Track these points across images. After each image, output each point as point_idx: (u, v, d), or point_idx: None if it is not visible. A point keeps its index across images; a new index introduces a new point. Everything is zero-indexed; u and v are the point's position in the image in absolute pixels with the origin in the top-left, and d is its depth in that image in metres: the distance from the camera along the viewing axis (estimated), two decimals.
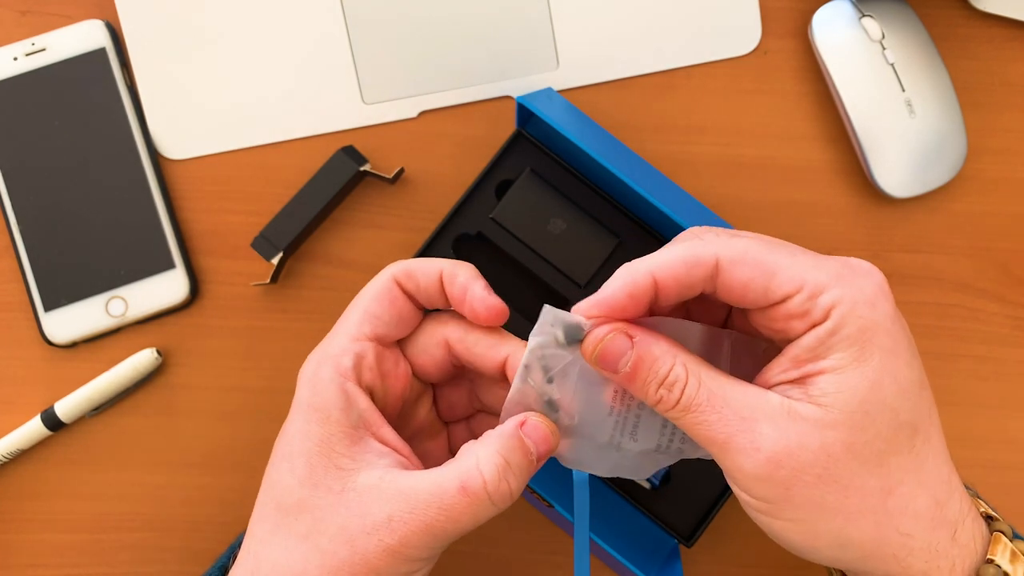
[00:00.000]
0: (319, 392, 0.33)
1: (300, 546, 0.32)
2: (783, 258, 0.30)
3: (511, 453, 0.32)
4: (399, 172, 0.49)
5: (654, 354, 0.31)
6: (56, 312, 0.49)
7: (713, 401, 0.30)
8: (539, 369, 0.33)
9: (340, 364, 0.34)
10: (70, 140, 0.50)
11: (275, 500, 0.33)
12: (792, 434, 0.29)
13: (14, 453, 0.49)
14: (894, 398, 0.30)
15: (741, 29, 0.51)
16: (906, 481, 0.30)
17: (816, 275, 0.30)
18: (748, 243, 0.31)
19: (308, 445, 0.32)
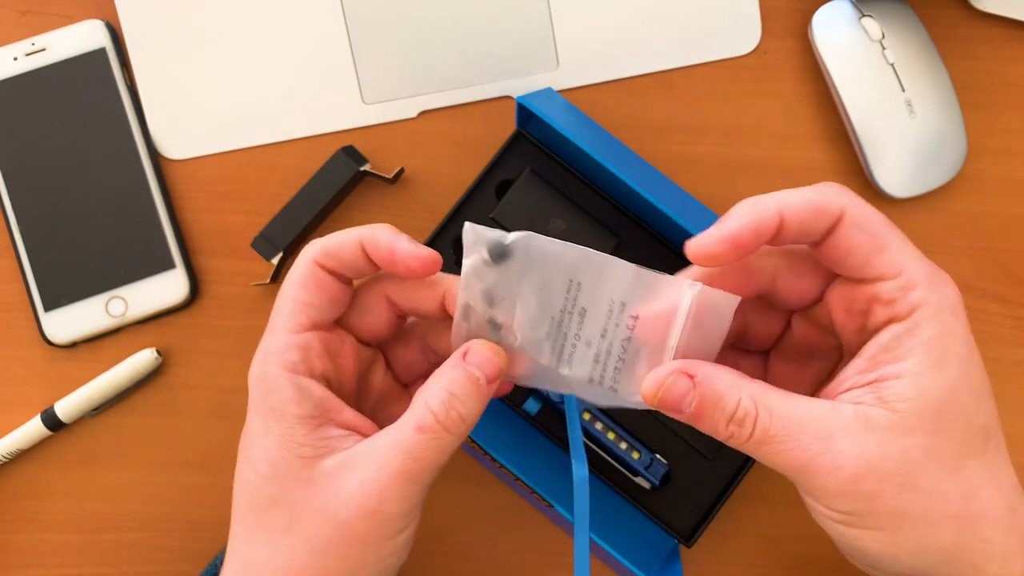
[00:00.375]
0: (271, 390, 0.33)
1: (283, 539, 0.32)
2: (897, 240, 0.30)
3: (455, 384, 0.32)
4: (399, 172, 0.50)
5: (718, 391, 0.30)
6: (56, 312, 0.49)
7: (789, 429, 0.29)
8: (479, 294, 0.32)
9: (286, 360, 0.33)
10: (70, 140, 0.50)
11: (247, 501, 0.33)
12: (872, 446, 0.29)
13: (14, 453, 0.49)
14: (968, 402, 0.30)
15: (741, 29, 0.51)
16: (984, 486, 0.30)
17: (916, 268, 0.30)
18: (874, 212, 0.30)
19: (268, 443, 0.32)
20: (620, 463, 0.46)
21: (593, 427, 0.45)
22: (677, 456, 0.46)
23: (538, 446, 0.46)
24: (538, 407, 0.46)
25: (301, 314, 0.34)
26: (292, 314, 0.34)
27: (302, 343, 0.33)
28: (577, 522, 0.38)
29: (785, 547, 0.49)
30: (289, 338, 0.33)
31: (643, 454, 0.45)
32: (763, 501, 0.49)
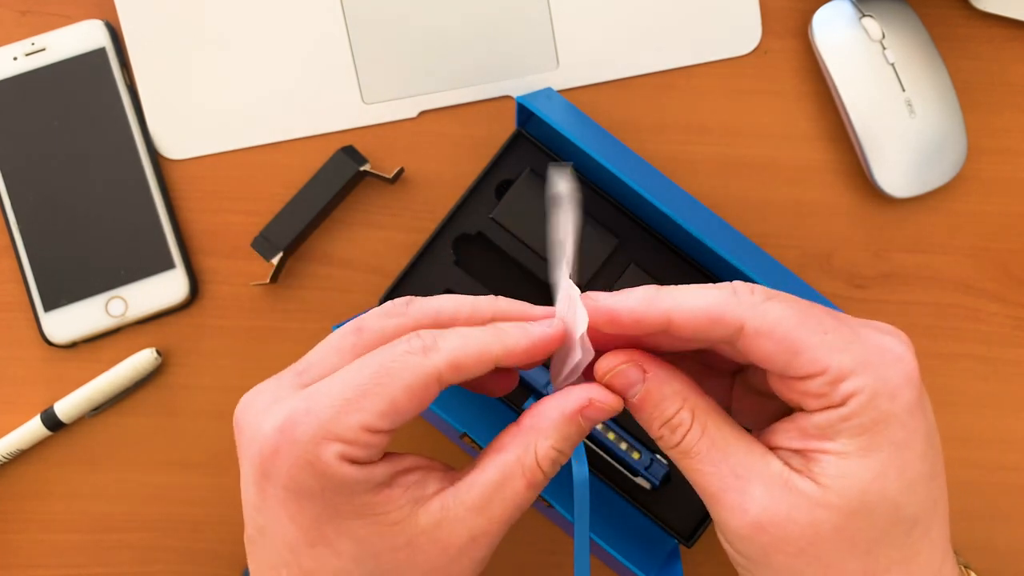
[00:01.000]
0: (330, 482, 0.28)
1: None
2: (812, 336, 0.29)
3: (566, 442, 0.31)
4: (399, 172, 0.50)
5: (663, 393, 0.30)
6: (56, 312, 0.49)
7: (712, 453, 0.30)
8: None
9: (348, 453, 0.28)
10: (70, 140, 0.50)
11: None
12: (783, 504, 0.29)
13: (14, 453, 0.49)
14: (897, 493, 0.29)
15: (741, 29, 0.51)
16: (893, 570, 0.29)
17: (841, 359, 0.28)
18: (781, 314, 0.29)
19: (347, 528, 0.29)
20: (620, 463, 0.46)
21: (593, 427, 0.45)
22: None
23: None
24: None
25: (387, 419, 0.29)
26: (379, 414, 0.29)
27: (373, 444, 0.29)
28: (577, 522, 0.38)
29: None
30: (361, 436, 0.29)
31: (643, 454, 0.45)
32: None
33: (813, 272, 0.50)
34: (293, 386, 0.30)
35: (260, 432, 0.29)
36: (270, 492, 0.29)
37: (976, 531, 0.49)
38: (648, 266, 0.47)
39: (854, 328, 0.30)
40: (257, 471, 0.29)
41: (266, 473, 0.28)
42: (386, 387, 0.29)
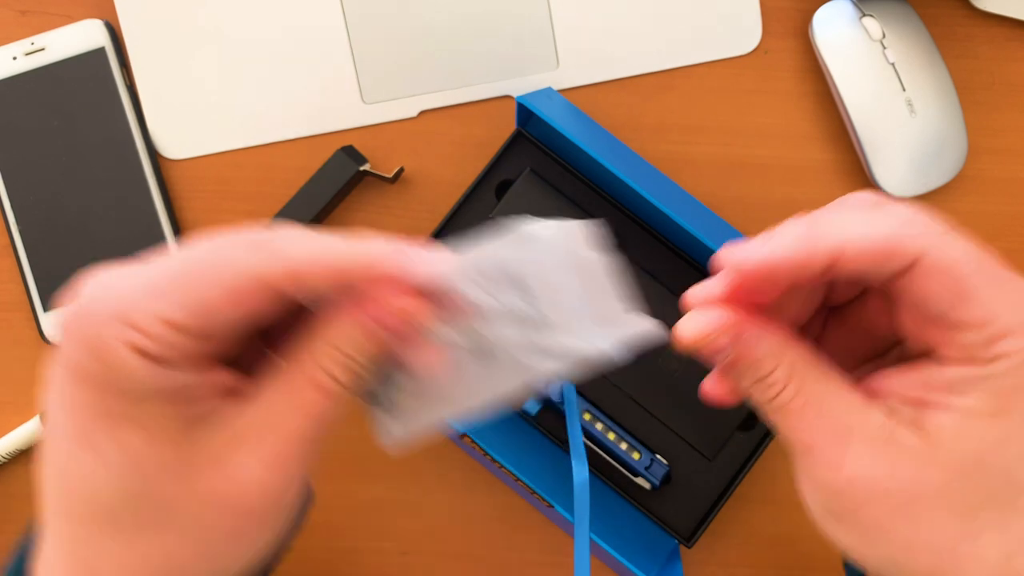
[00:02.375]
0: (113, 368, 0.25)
1: (156, 537, 0.26)
2: (989, 285, 0.26)
3: (355, 345, 0.27)
4: (399, 171, 0.49)
5: (757, 354, 0.27)
6: (56, 312, 0.49)
7: (806, 411, 0.27)
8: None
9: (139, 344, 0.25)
10: (69, 140, 0.50)
11: (90, 501, 0.26)
12: (884, 461, 0.27)
13: (13, 453, 0.49)
14: (1015, 461, 0.27)
15: (741, 28, 0.51)
16: (986, 531, 0.27)
17: (1010, 317, 0.26)
18: (963, 252, 0.27)
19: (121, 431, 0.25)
20: (620, 463, 0.46)
21: (593, 427, 0.45)
22: (677, 456, 0.46)
23: (538, 446, 0.46)
24: (538, 407, 0.46)
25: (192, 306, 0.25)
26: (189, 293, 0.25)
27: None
28: (577, 523, 0.38)
29: (785, 547, 0.49)
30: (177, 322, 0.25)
31: (643, 454, 0.45)
32: (763, 501, 0.49)
33: None
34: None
35: (67, 309, 0.25)
36: (57, 373, 0.25)
37: None
38: (648, 265, 0.47)
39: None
40: (65, 366, 0.25)
41: (58, 350, 0.25)
42: (199, 279, 0.25)
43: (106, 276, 0.26)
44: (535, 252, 0.28)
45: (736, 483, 0.46)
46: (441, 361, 0.28)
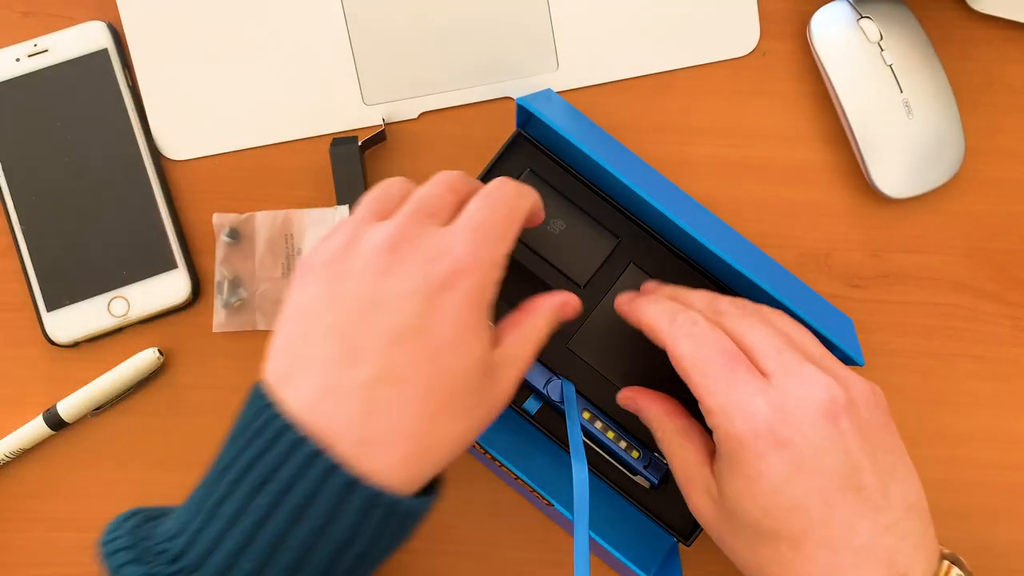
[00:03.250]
0: (489, 296, 0.36)
1: (465, 420, 0.36)
2: (695, 374, 0.38)
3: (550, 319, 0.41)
4: (381, 131, 0.50)
5: (646, 417, 0.43)
6: (58, 312, 0.50)
7: (673, 462, 0.42)
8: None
9: (496, 278, 0.36)
10: (72, 141, 0.50)
11: (453, 384, 0.34)
12: (706, 504, 0.40)
13: (16, 452, 0.49)
14: (756, 511, 0.37)
15: (740, 30, 0.51)
16: (773, 570, 0.37)
17: (709, 401, 0.38)
18: (684, 350, 0.38)
19: (483, 339, 0.36)
20: (619, 462, 0.46)
21: (592, 426, 0.45)
22: None
23: (538, 445, 0.47)
24: (538, 406, 0.47)
25: (512, 243, 0.37)
26: (505, 240, 0.37)
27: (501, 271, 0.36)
28: (577, 521, 0.38)
29: None
30: (505, 256, 0.37)
31: (642, 453, 0.46)
32: None
33: (811, 272, 0.50)
34: (431, 223, 0.36)
35: (449, 254, 0.35)
36: (447, 302, 0.34)
37: (974, 530, 0.49)
38: (647, 266, 0.47)
39: (733, 377, 0.37)
40: (437, 283, 0.34)
41: (449, 286, 0.34)
42: (514, 223, 0.38)
43: (470, 233, 0.36)
44: None
45: None
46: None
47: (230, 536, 0.32)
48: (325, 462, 0.32)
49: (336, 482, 0.32)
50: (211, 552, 0.32)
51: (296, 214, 0.50)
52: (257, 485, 0.32)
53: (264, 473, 0.32)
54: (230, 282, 0.49)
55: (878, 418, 0.38)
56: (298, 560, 0.32)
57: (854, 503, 0.36)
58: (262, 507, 0.32)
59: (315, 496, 0.32)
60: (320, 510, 0.32)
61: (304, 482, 0.32)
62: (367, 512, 0.32)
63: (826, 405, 0.36)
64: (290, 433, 0.32)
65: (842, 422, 0.36)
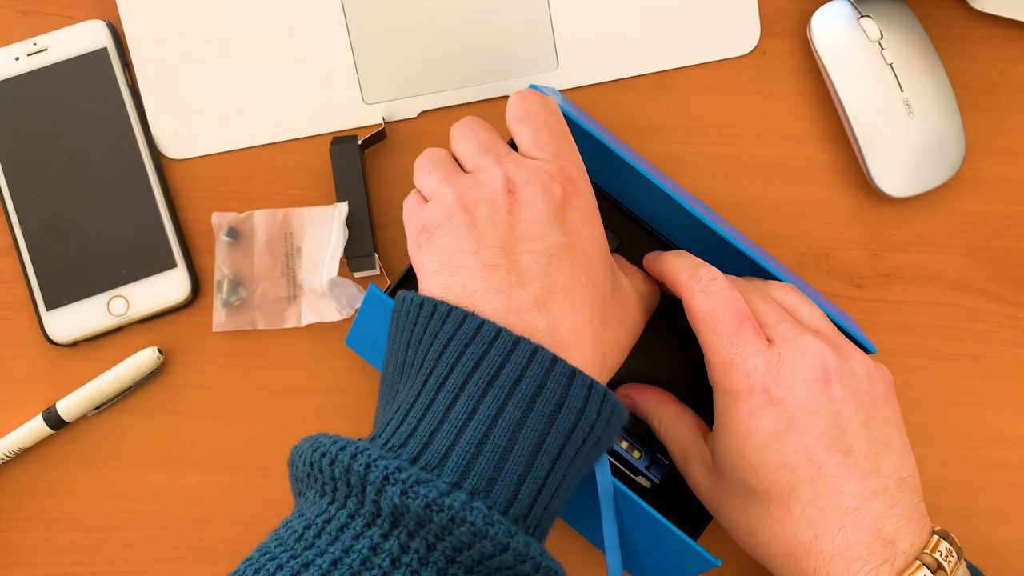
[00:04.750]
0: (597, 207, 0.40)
1: (622, 331, 0.40)
2: (706, 332, 0.40)
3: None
4: (382, 130, 0.50)
5: (642, 412, 0.46)
6: (58, 311, 0.49)
7: (668, 444, 0.45)
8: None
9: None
10: (72, 140, 0.50)
11: (598, 292, 0.38)
12: (703, 476, 0.43)
13: (16, 452, 0.49)
14: (745, 469, 0.39)
15: (740, 29, 0.51)
16: (763, 530, 0.39)
17: (712, 356, 0.40)
18: (699, 304, 0.40)
19: (607, 256, 0.39)
20: (621, 462, 0.46)
21: None
22: None
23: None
24: None
25: (575, 146, 0.41)
26: (572, 143, 0.40)
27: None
28: (605, 519, 0.38)
29: None
30: (580, 157, 0.40)
31: (644, 453, 0.46)
32: None
33: (812, 271, 0.50)
34: (515, 157, 0.39)
35: (553, 178, 0.38)
36: (573, 219, 0.38)
37: (975, 529, 0.49)
38: None
39: (739, 336, 0.39)
40: (559, 205, 0.37)
41: (568, 205, 0.38)
42: (563, 125, 0.41)
43: (558, 159, 0.39)
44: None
45: None
46: None
47: (468, 431, 0.33)
48: (545, 354, 0.34)
49: (560, 371, 0.34)
50: (451, 448, 0.32)
51: (295, 213, 0.49)
52: (486, 381, 0.33)
53: (489, 371, 0.34)
54: (230, 281, 0.49)
55: (878, 391, 0.39)
56: (534, 445, 0.33)
57: (841, 465, 0.37)
58: (495, 400, 0.33)
59: (544, 383, 0.33)
60: (550, 397, 0.33)
61: (532, 371, 0.33)
62: (588, 398, 0.34)
63: (819, 370, 0.38)
64: (505, 333, 0.34)
65: (834, 387, 0.38)
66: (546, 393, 0.33)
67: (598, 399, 0.34)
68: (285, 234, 0.50)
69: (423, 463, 0.32)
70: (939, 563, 0.36)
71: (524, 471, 0.32)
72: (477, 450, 0.32)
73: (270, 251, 0.49)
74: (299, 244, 0.49)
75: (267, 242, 0.49)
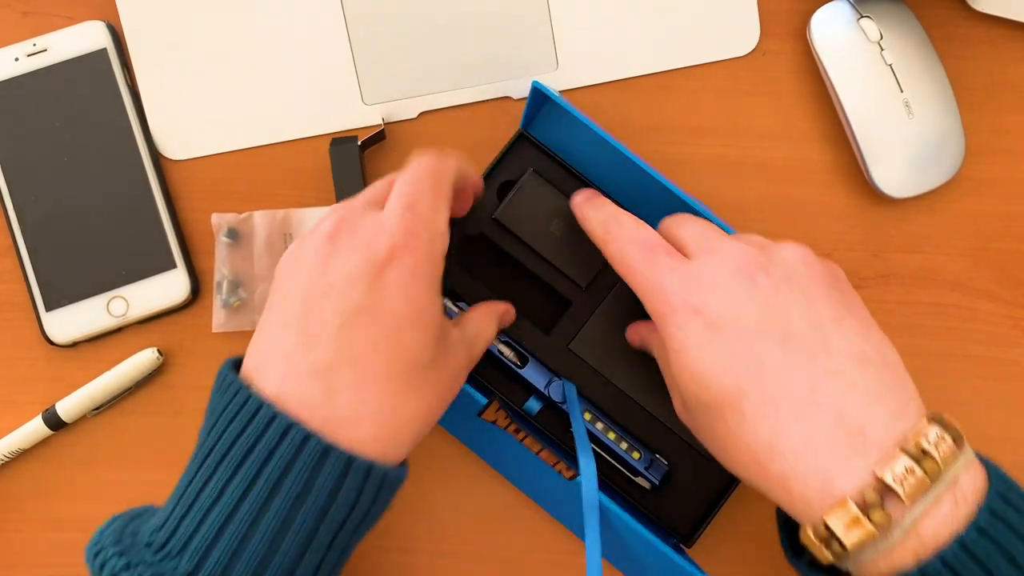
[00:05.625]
0: (437, 265, 0.37)
1: (431, 395, 0.37)
2: (626, 264, 0.39)
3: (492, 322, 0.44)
4: (381, 131, 0.50)
5: (650, 346, 0.44)
6: (57, 312, 0.49)
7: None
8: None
9: (444, 245, 0.37)
10: (71, 140, 0.50)
11: (411, 359, 0.35)
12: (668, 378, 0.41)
13: (15, 452, 0.49)
14: (691, 383, 0.36)
15: (740, 30, 0.51)
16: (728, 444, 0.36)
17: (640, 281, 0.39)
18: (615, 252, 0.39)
19: (435, 311, 0.36)
20: (620, 463, 0.46)
21: (593, 427, 0.45)
22: (677, 456, 0.46)
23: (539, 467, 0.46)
24: (539, 407, 0.46)
25: (446, 210, 0.38)
26: (444, 212, 0.38)
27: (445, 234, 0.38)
28: (587, 514, 0.38)
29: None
30: (444, 224, 0.37)
31: (643, 454, 0.46)
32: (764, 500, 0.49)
33: None
34: (368, 209, 0.37)
35: (384, 232, 0.35)
36: (391, 279, 0.35)
37: None
38: None
39: (651, 264, 0.37)
40: (378, 262, 0.35)
41: (391, 263, 0.35)
42: (441, 190, 0.38)
43: (402, 212, 0.36)
44: None
45: (736, 484, 0.46)
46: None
47: (211, 515, 0.33)
48: (299, 431, 0.33)
49: (312, 448, 0.32)
50: (193, 534, 0.33)
51: (295, 213, 0.49)
52: (236, 463, 0.33)
53: (241, 451, 0.33)
54: (229, 282, 0.49)
55: (818, 273, 0.36)
56: (278, 530, 0.32)
57: (783, 352, 0.34)
58: (241, 483, 0.33)
59: (292, 464, 0.32)
60: (297, 477, 0.32)
61: (281, 451, 0.32)
62: (344, 476, 0.33)
63: (741, 266, 0.36)
64: (264, 410, 0.33)
65: (759, 278, 0.35)
66: (293, 474, 0.32)
67: (358, 477, 0.33)
68: (285, 235, 0.50)
69: (167, 550, 0.33)
70: (925, 451, 0.32)
71: (265, 557, 0.32)
72: (217, 536, 0.32)
73: (270, 252, 0.49)
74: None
75: (267, 243, 0.49)
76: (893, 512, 0.32)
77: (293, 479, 0.32)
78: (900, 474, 0.31)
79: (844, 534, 0.32)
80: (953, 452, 0.33)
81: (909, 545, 0.32)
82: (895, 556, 0.32)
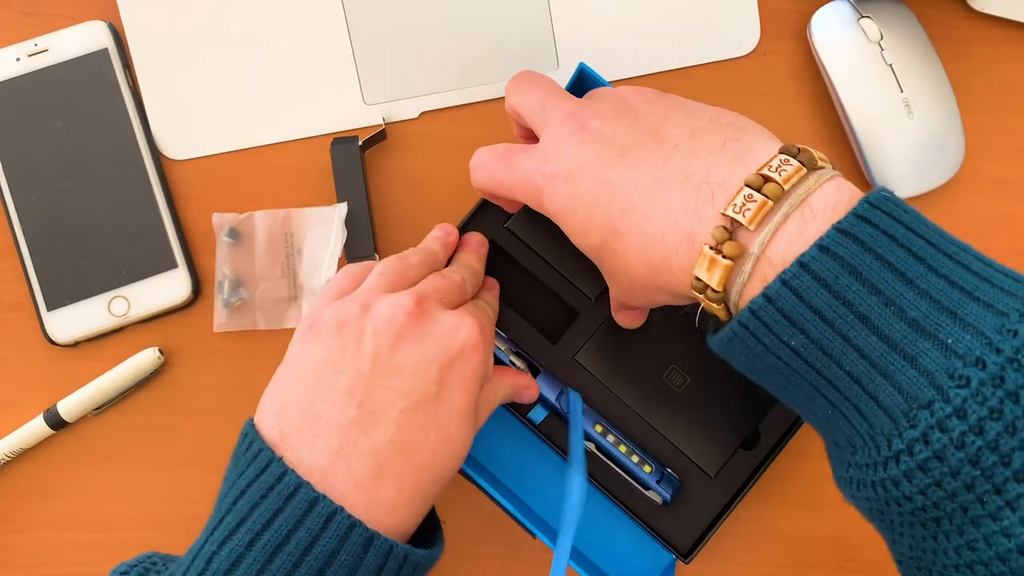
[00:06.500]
0: (489, 371, 0.40)
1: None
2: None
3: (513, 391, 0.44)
4: (382, 130, 0.50)
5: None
6: (59, 311, 0.50)
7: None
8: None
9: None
10: (72, 140, 0.50)
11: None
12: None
13: (17, 452, 0.49)
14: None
15: (740, 30, 0.51)
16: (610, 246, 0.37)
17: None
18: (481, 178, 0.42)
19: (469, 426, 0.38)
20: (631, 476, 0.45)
21: (604, 439, 0.44)
22: (678, 472, 0.45)
23: (540, 457, 0.46)
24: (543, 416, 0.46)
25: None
26: (496, 317, 0.44)
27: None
28: (564, 529, 0.37)
29: (785, 547, 0.49)
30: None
31: (655, 467, 0.44)
32: (764, 500, 0.49)
33: None
34: (442, 302, 0.39)
35: (464, 327, 0.37)
36: (457, 372, 0.37)
37: None
38: None
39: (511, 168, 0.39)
40: (452, 356, 0.37)
41: (460, 358, 0.37)
42: (497, 303, 0.44)
43: (475, 315, 0.39)
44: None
45: (737, 502, 0.45)
46: None
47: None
48: (344, 517, 0.32)
49: (357, 537, 0.32)
50: None
51: (296, 213, 0.50)
52: (273, 547, 0.32)
53: (279, 535, 0.32)
54: (230, 282, 0.49)
55: (640, 93, 0.38)
56: None
57: (625, 166, 0.35)
58: (280, 570, 0.32)
59: (337, 553, 0.32)
60: (342, 565, 0.32)
61: (325, 539, 0.32)
62: (383, 566, 0.33)
63: (572, 121, 0.37)
64: (305, 490, 0.33)
65: (589, 123, 0.37)
66: (337, 563, 0.32)
67: (395, 565, 0.34)
68: (286, 235, 0.50)
69: None
70: (767, 176, 0.31)
71: None
72: None
73: (271, 251, 0.50)
74: (300, 245, 0.49)
75: (268, 243, 0.50)
76: (744, 241, 0.31)
77: (337, 569, 0.32)
78: (740, 203, 0.31)
79: (708, 278, 0.32)
80: (798, 171, 0.31)
81: (761, 271, 0.31)
82: (753, 285, 0.31)
